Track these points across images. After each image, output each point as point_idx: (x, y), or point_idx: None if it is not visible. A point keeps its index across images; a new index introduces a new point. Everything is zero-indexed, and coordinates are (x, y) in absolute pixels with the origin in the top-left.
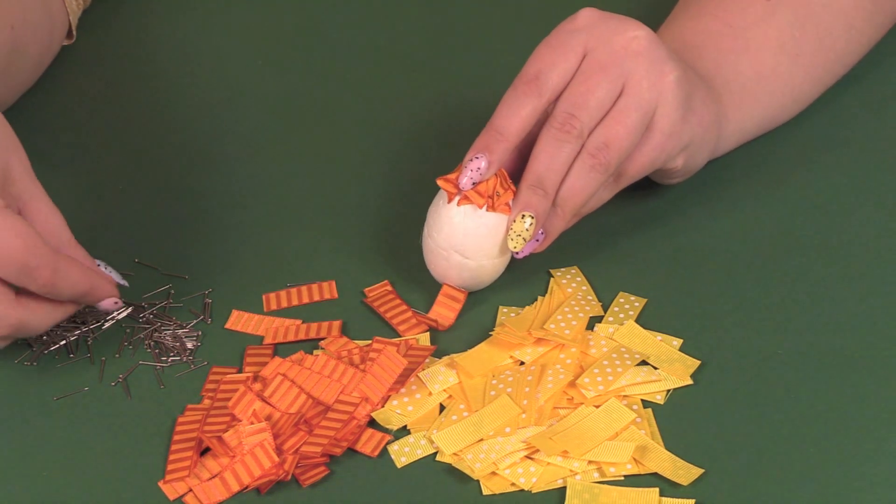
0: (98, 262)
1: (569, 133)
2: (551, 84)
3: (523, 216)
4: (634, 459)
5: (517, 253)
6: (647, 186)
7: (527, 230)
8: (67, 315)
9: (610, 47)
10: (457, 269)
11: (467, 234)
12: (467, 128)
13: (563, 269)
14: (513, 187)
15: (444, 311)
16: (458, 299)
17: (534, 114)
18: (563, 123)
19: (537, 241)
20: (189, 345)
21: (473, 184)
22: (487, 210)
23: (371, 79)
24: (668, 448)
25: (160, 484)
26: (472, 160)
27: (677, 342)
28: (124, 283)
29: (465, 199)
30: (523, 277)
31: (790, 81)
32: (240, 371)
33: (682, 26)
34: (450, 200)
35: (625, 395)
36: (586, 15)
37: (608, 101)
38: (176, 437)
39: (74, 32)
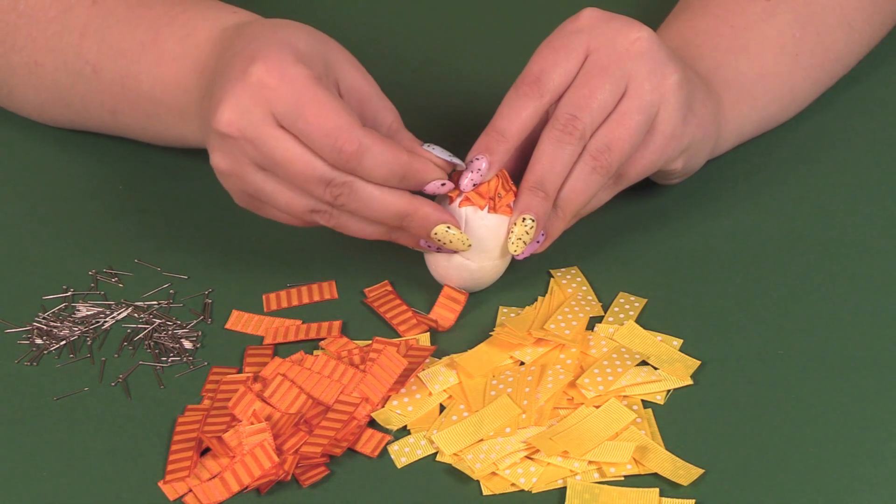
0: (427, 144)
1: (571, 135)
2: (552, 85)
3: (524, 219)
4: (634, 459)
5: (518, 255)
6: (647, 186)
7: (527, 233)
8: (385, 225)
9: (612, 48)
10: (457, 270)
11: (468, 236)
12: (468, 128)
13: (563, 270)
14: (514, 188)
15: (445, 312)
16: (459, 301)
17: (535, 115)
18: (565, 125)
19: (538, 242)
20: (189, 345)
21: (474, 185)
22: (489, 211)
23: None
24: (668, 448)
25: (160, 484)
26: (472, 161)
27: (677, 342)
28: (458, 162)
29: (467, 200)
30: (523, 277)
31: (789, 82)
32: (240, 371)
33: (682, 25)
34: (451, 202)
35: (625, 396)
36: (588, 15)
37: (611, 103)
38: (176, 438)
39: None
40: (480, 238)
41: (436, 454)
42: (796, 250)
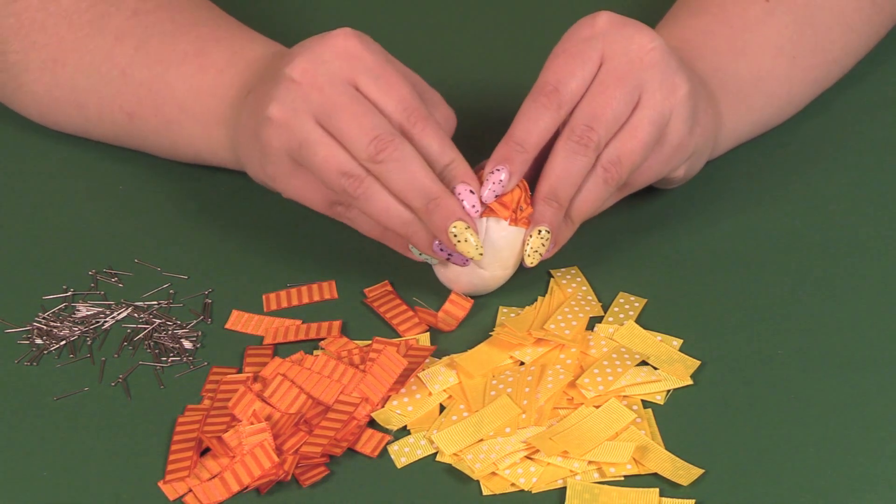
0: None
1: (586, 146)
2: (570, 96)
3: (539, 231)
4: (634, 459)
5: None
6: (647, 188)
7: (543, 245)
8: (386, 224)
9: (627, 57)
10: (468, 277)
11: (487, 246)
12: (469, 128)
13: (563, 270)
14: (531, 198)
15: (448, 317)
16: (464, 307)
17: (553, 125)
18: (581, 136)
19: (548, 250)
20: (189, 345)
21: (495, 196)
22: (510, 223)
23: None
24: (668, 448)
25: (160, 484)
26: (492, 173)
27: (677, 342)
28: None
29: (489, 210)
30: (523, 277)
31: (787, 84)
32: (240, 371)
33: (682, 25)
34: None
35: (625, 396)
36: (603, 20)
37: (625, 114)
38: (176, 437)
39: None
40: (498, 249)
41: (436, 454)
42: (796, 250)
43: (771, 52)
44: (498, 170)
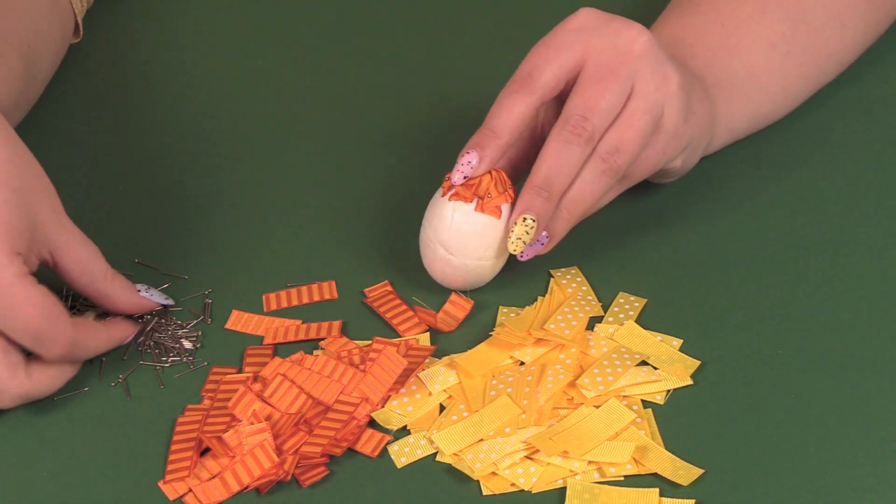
0: (138, 286)
1: (580, 136)
2: (543, 81)
3: (524, 219)
4: (634, 459)
5: (520, 255)
6: (646, 187)
7: (527, 233)
8: (74, 375)
9: (614, 49)
10: (441, 264)
11: (453, 230)
12: (468, 128)
13: (563, 270)
14: (510, 191)
15: (448, 318)
16: (464, 307)
17: (526, 111)
18: (575, 126)
19: (542, 244)
20: (189, 345)
21: (465, 178)
22: (476, 209)
23: (371, 79)
24: (668, 448)
25: (160, 484)
26: (463, 156)
27: (677, 342)
28: (170, 302)
29: (456, 194)
30: (523, 277)
31: (781, 79)
32: (240, 371)
33: (675, 24)
34: (444, 193)
35: (625, 396)
36: (585, 15)
37: (619, 104)
38: (176, 438)
39: (81, 30)
40: (464, 234)
41: (436, 454)
42: (796, 250)
43: (764, 47)
44: (469, 153)
